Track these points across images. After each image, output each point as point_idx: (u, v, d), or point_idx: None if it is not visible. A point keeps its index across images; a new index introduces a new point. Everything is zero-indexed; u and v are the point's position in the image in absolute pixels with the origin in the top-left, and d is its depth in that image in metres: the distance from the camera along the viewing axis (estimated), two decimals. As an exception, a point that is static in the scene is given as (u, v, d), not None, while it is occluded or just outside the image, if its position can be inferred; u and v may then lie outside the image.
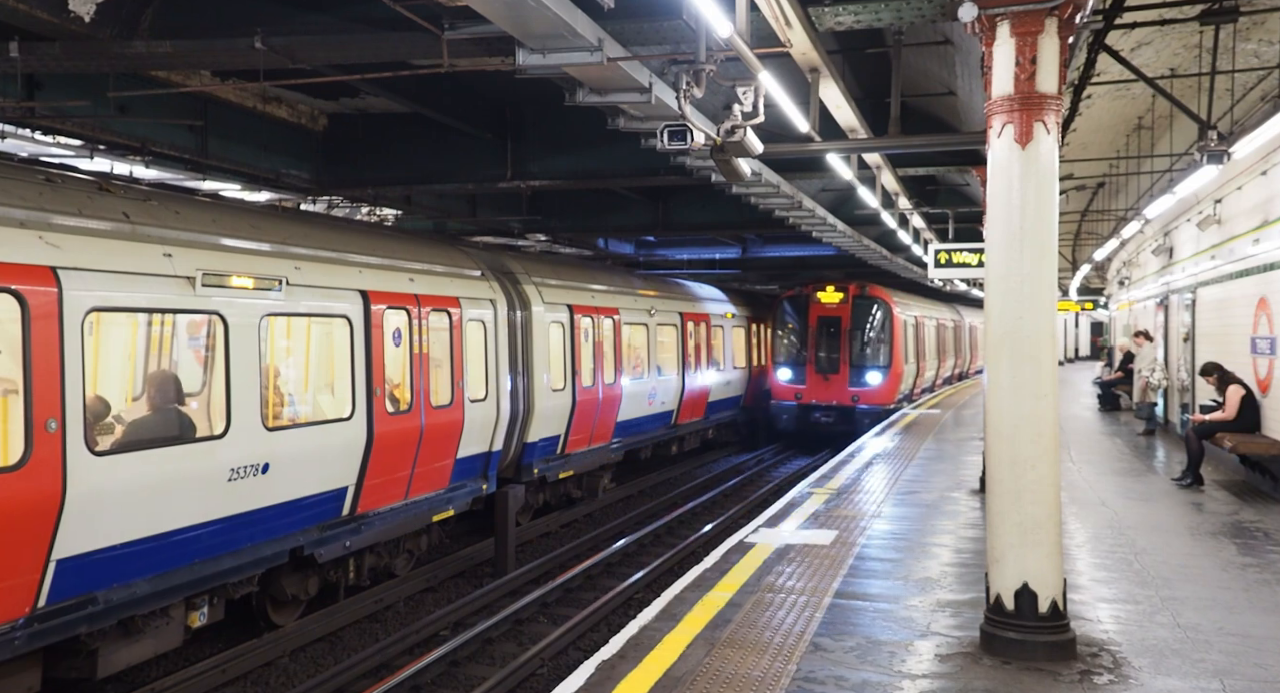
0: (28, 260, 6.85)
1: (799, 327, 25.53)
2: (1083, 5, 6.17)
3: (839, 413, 24.75)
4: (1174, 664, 6.10)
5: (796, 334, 25.61)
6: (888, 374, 24.82)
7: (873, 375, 24.76)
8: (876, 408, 24.31)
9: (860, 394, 24.69)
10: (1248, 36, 13.76)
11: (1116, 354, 26.42)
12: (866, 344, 25.09)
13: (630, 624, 6.80)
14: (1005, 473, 6.20)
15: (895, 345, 25.03)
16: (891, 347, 24.99)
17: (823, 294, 25.37)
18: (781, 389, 25.40)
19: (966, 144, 11.02)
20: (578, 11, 7.07)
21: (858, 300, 25.20)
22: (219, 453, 8.43)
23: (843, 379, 24.85)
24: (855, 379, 24.78)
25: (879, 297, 25.25)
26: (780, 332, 25.84)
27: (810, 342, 25.20)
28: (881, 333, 25.14)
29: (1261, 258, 12.48)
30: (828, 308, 25.29)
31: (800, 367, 25.26)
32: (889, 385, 24.90)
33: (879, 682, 5.78)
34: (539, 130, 14.58)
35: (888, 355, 25.00)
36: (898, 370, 25.08)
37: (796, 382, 25.16)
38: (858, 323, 25.11)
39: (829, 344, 25.22)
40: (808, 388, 25.03)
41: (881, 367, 24.88)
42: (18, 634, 6.80)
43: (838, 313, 25.21)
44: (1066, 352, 58.33)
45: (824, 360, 25.10)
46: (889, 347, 25.00)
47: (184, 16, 8.95)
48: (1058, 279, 6.74)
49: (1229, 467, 13.74)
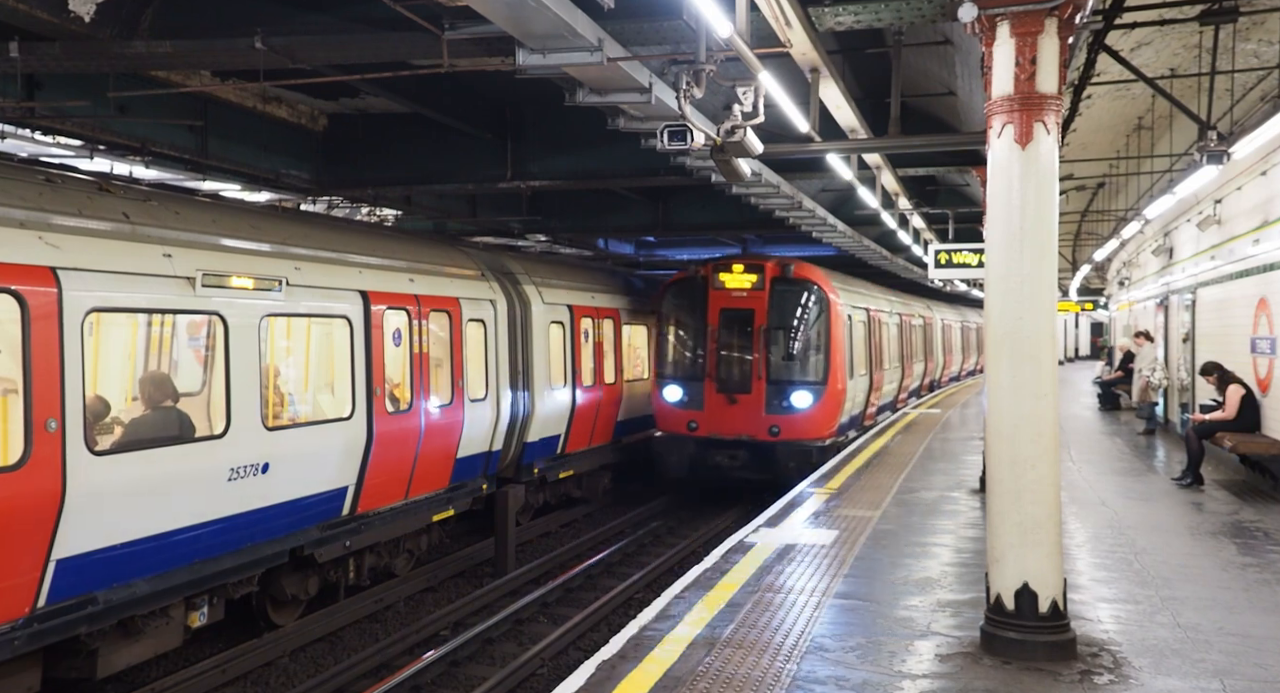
0: (27, 260, 6.85)
1: (694, 324, 17.23)
2: (1083, 5, 6.17)
3: (751, 452, 16.44)
4: (1174, 664, 6.09)
5: (689, 336, 17.34)
6: (822, 395, 16.45)
7: (800, 396, 16.35)
8: (806, 444, 16.14)
9: (782, 424, 16.28)
10: (1248, 36, 13.76)
11: (1117, 354, 26.40)
12: (792, 350, 16.76)
13: (630, 624, 6.80)
14: (1005, 473, 6.19)
15: (834, 351, 16.69)
16: (829, 353, 16.65)
17: (727, 276, 16.96)
18: (669, 416, 17.08)
19: (966, 144, 11.04)
20: (578, 11, 7.07)
21: (778, 285, 16.80)
22: (219, 453, 8.43)
23: (756, 402, 16.47)
24: (775, 402, 16.41)
25: (809, 279, 16.91)
26: (666, 332, 17.59)
27: (709, 347, 16.84)
28: (813, 333, 16.84)
29: (1261, 258, 12.48)
30: (734, 296, 16.89)
31: (695, 384, 16.87)
32: (824, 410, 16.54)
33: (879, 682, 5.78)
34: (539, 130, 14.58)
35: (822, 366, 16.64)
36: (837, 388, 16.74)
37: (690, 406, 16.80)
38: (778, 318, 16.79)
39: (736, 350, 16.91)
40: (706, 415, 16.69)
41: (813, 384, 16.49)
42: (17, 634, 6.80)
43: (749, 303, 16.78)
44: (1066, 352, 58.34)
45: (728, 375, 16.79)
46: (824, 353, 16.68)
47: (184, 16, 8.95)
48: (1058, 279, 6.74)
49: (1229, 467, 13.74)
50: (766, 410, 16.38)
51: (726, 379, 16.72)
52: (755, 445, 16.36)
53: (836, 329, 16.84)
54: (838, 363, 16.76)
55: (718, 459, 16.57)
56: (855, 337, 18.67)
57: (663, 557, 13.58)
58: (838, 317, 16.95)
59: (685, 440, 16.77)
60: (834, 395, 16.71)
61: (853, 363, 18.11)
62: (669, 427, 17.06)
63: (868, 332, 20.17)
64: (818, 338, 16.81)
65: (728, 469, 16.58)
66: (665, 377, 17.27)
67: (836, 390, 16.74)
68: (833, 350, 16.69)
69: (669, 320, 17.55)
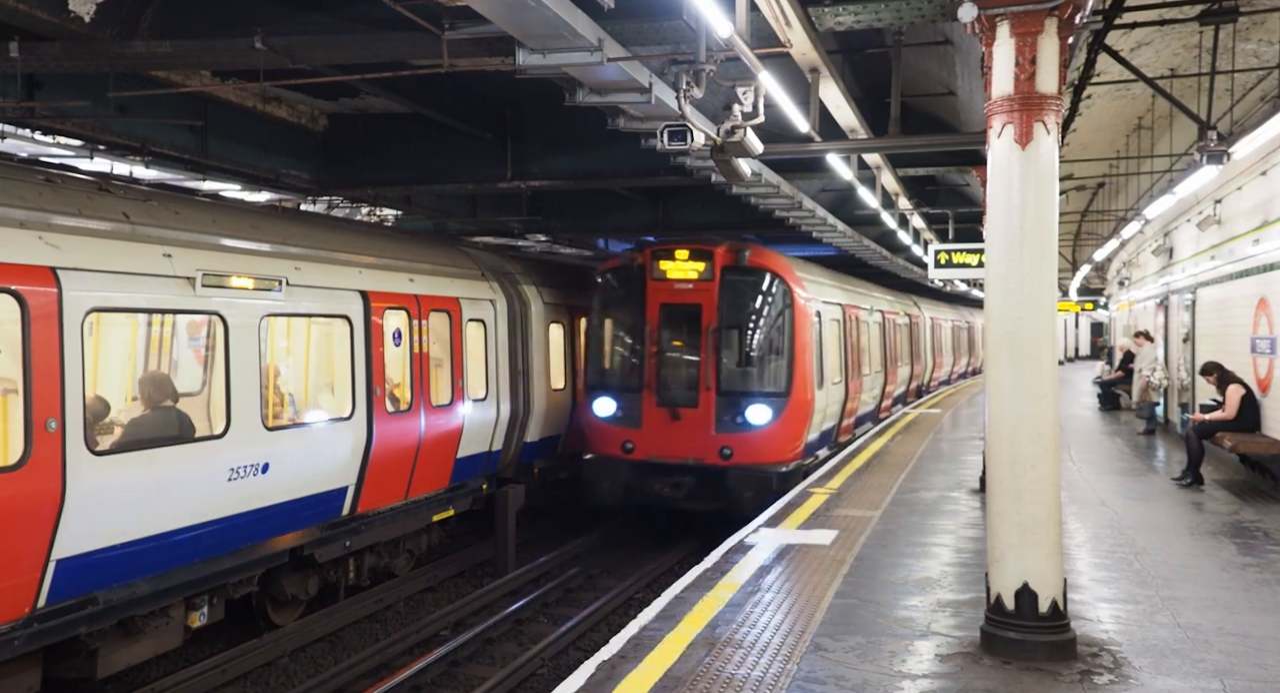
0: (27, 260, 6.85)
1: (629, 323, 14.50)
2: (1082, 5, 6.17)
3: (698, 479, 13.58)
4: (1174, 664, 6.09)
5: (624, 337, 14.61)
6: (784, 408, 13.72)
7: (757, 411, 13.65)
8: (764, 469, 13.34)
9: (735, 445, 13.49)
10: (1248, 36, 13.76)
11: (1117, 354, 26.40)
12: (747, 354, 14.12)
13: (630, 624, 6.80)
14: (1005, 473, 6.20)
15: (799, 355, 14.00)
16: (793, 357, 13.96)
17: (668, 264, 14.10)
18: (600, 435, 14.24)
19: (966, 144, 11.03)
20: (578, 11, 7.07)
21: (731, 275, 14.04)
22: (219, 453, 8.43)
23: (704, 418, 13.65)
24: (726, 418, 13.69)
25: (769, 268, 14.16)
26: (597, 332, 14.80)
27: (647, 351, 14.01)
28: (774, 333, 14.17)
29: (1261, 258, 12.48)
30: (677, 289, 14.10)
31: (630, 396, 14.07)
32: (787, 428, 13.76)
33: (879, 682, 5.78)
34: (539, 130, 14.58)
35: (785, 373, 13.93)
36: (803, 400, 14.00)
37: (624, 423, 14.04)
38: (731, 315, 14.04)
39: (680, 355, 14.17)
40: (643, 434, 13.86)
41: (773, 395, 13.81)
42: (17, 634, 6.80)
43: (695, 297, 13.99)
44: (1066, 352, 58.34)
45: (671, 385, 13.96)
46: (787, 358, 14.00)
47: (184, 16, 8.95)
48: (1058, 279, 6.74)
49: (1229, 467, 13.74)
50: (717, 428, 13.57)
51: (668, 390, 13.86)
52: (703, 471, 13.52)
53: (802, 328, 14.07)
54: (804, 369, 13.94)
55: (658, 488, 13.56)
56: (827, 337, 15.76)
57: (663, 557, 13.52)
58: (804, 313, 14.20)
59: (619, 465, 13.82)
60: (799, 409, 13.83)
61: (823, 369, 15.24)
62: (600, 448, 14.12)
63: (842, 331, 17.22)
64: (779, 339, 14.03)
65: (670, 500, 13.61)
66: (596, 387, 14.41)
67: (802, 403, 13.90)
68: (797, 354, 13.90)
69: (600, 318, 14.70)
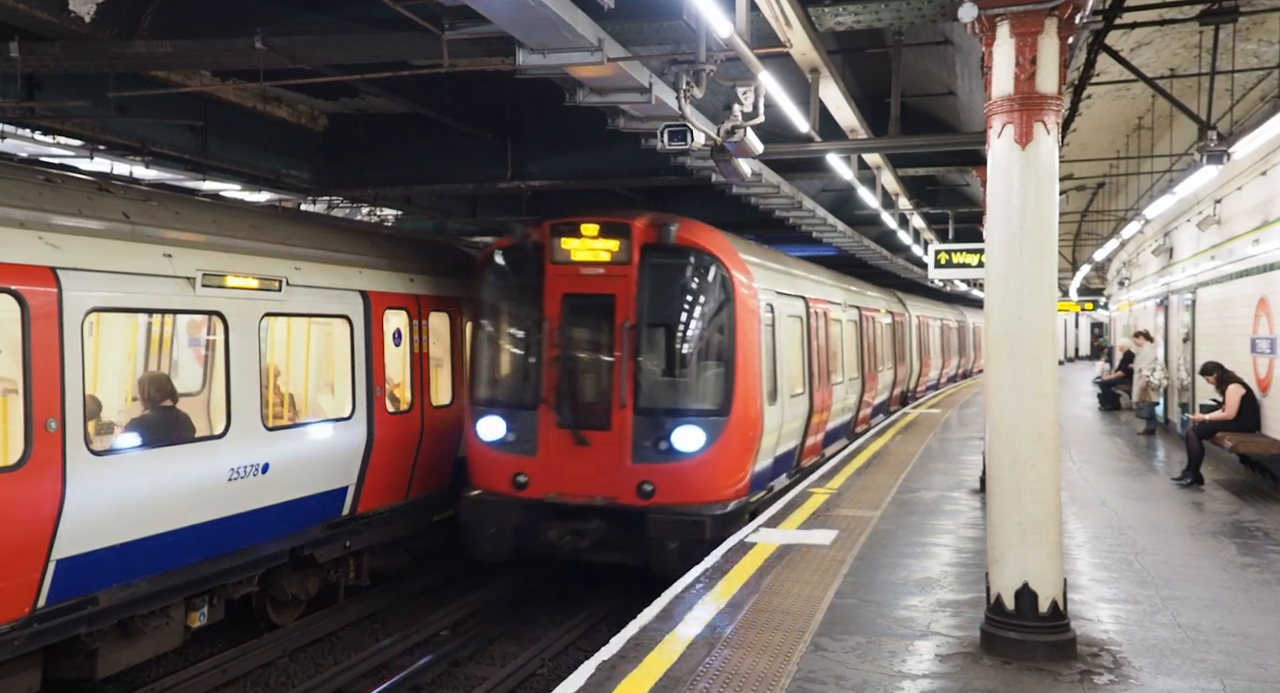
0: (27, 260, 6.85)
1: (522, 320, 11.24)
2: (1083, 5, 6.17)
3: (610, 524, 10.40)
4: (1174, 664, 6.09)
5: (516, 338, 11.40)
6: (722, 430, 10.50)
7: (687, 434, 10.41)
8: (695, 511, 10.18)
9: (658, 479, 10.34)
10: (1248, 36, 13.77)
11: (1117, 354, 26.41)
12: (675, 360, 10.84)
13: (630, 624, 6.80)
14: (1005, 473, 6.19)
15: (742, 361, 10.74)
16: (733, 364, 10.70)
17: (572, 242, 10.82)
18: (485, 465, 10.99)
19: (966, 144, 11.04)
20: (578, 11, 7.07)
21: (655, 257, 10.74)
22: (219, 453, 8.43)
23: (618, 444, 10.47)
24: (647, 443, 10.45)
25: (703, 248, 10.86)
26: (482, 331, 11.49)
27: (546, 357, 10.74)
28: (710, 332, 10.86)
29: (1261, 258, 12.48)
30: (584, 275, 10.83)
31: (524, 416, 10.79)
32: (726, 455, 10.59)
33: (879, 682, 5.78)
34: (539, 130, 14.58)
35: (723, 385, 10.69)
36: (748, 418, 10.82)
37: (516, 449, 10.77)
38: (654, 310, 10.74)
39: (588, 362, 10.93)
40: (540, 465, 10.66)
41: (707, 413, 10.53)
42: (17, 635, 6.80)
43: (607, 286, 10.76)
44: (1066, 352, 58.35)
45: (576, 401, 10.71)
46: (727, 364, 10.74)
47: (184, 16, 8.95)
48: (1058, 279, 6.74)
49: (1229, 467, 13.74)
50: (635, 457, 10.25)
51: (572, 408, 10.46)
52: (616, 513, 10.20)
53: (747, 326, 10.76)
54: (748, 379, 10.67)
55: (557, 535, 10.19)
56: (783, 338, 12.42)
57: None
58: (749, 307, 10.85)
59: (508, 505, 10.50)
60: (742, 430, 10.59)
61: (777, 378, 11.91)
62: (485, 481, 10.77)
63: (806, 330, 14.01)
64: (717, 340, 10.67)
65: (571, 551, 10.26)
66: (480, 403, 10.94)
67: (746, 422, 10.65)
68: (740, 359, 10.55)
69: (486, 313, 11.28)
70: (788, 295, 13.15)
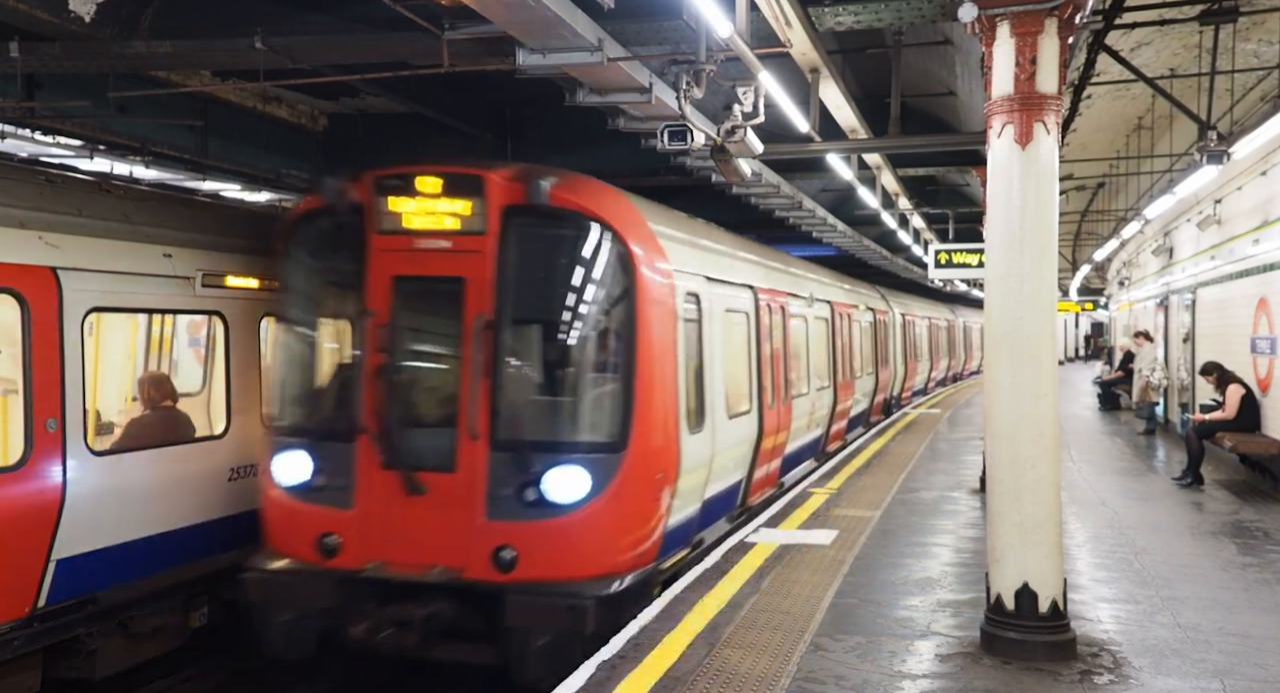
0: (27, 260, 6.85)
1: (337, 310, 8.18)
2: (1083, 5, 6.17)
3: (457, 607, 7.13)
4: (1174, 664, 6.09)
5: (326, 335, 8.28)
6: (616, 471, 7.25)
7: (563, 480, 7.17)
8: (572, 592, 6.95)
9: (522, 545, 7.10)
10: (1248, 36, 13.77)
11: (1117, 354, 26.41)
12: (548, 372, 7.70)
13: (630, 624, 6.79)
14: (1005, 473, 6.19)
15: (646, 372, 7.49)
16: (632, 376, 7.42)
17: (404, 203, 7.57)
18: (283, 519, 7.68)
19: (966, 144, 11.05)
20: (578, 11, 7.07)
21: (520, 224, 7.46)
22: (219, 453, 8.43)
23: (465, 492, 7.22)
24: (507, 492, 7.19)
25: (587, 211, 7.52)
26: (282, 327, 8.24)
27: (367, 364, 7.44)
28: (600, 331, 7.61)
29: (1261, 258, 12.49)
30: (423, 248, 7.57)
31: (335, 449, 7.49)
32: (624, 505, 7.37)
33: (879, 682, 5.78)
34: (539, 130, 14.59)
35: (618, 407, 7.40)
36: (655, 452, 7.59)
37: (324, 499, 7.45)
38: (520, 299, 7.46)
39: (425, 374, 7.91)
40: (357, 519, 7.34)
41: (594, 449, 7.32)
42: (17, 635, 6.80)
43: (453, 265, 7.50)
44: (1066, 352, 58.35)
45: (408, 429, 7.37)
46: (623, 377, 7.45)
47: (184, 16, 8.95)
48: (1058, 279, 6.74)
49: (1229, 467, 13.74)
50: (490, 512, 7.21)
51: (403, 440, 7.36)
52: (463, 592, 7.18)
53: (656, 323, 7.66)
54: (656, 396, 7.60)
55: (377, 626, 7.12)
56: (716, 340, 9.23)
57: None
58: (657, 297, 7.73)
59: (309, 581, 7.40)
60: (646, 469, 7.51)
61: (704, 393, 8.75)
62: (284, 544, 7.66)
63: (755, 330, 10.91)
64: (611, 344, 7.58)
65: (398, 647, 7.12)
66: (279, 432, 7.84)
67: (653, 457, 7.57)
68: (644, 370, 7.46)
69: (289, 304, 8.17)
70: (727, 284, 9.91)
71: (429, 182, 7.53)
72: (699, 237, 9.98)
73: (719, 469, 9.30)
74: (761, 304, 11.28)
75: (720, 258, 10.26)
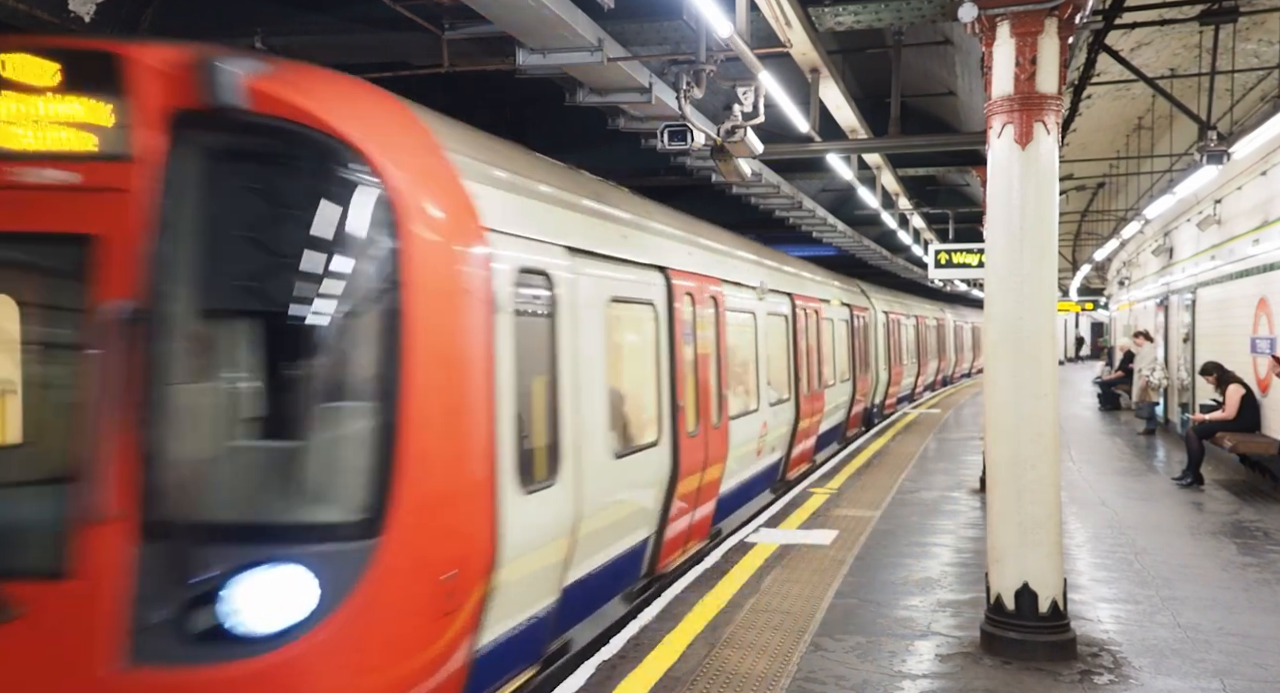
0: None
1: None
2: (1083, 5, 6.17)
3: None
4: (1174, 664, 6.09)
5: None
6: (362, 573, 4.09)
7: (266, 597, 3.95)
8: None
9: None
10: (1248, 36, 13.78)
11: (1117, 354, 26.42)
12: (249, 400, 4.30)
13: (630, 624, 6.79)
14: (1005, 473, 6.20)
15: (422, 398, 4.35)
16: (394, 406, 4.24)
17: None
18: None
19: (966, 144, 11.05)
20: (578, 11, 7.08)
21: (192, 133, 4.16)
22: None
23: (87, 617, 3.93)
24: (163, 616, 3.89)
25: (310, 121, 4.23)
26: None
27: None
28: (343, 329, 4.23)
29: (1261, 258, 12.49)
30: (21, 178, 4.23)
31: None
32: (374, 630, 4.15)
33: (879, 682, 5.78)
34: (539, 130, 14.57)
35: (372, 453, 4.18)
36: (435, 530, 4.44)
37: None
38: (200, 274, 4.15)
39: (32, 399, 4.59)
40: None
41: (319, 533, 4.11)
42: None
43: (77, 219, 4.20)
44: (1065, 352, 58.35)
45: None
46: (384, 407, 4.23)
47: (184, 16, 8.94)
48: (1058, 279, 6.75)
49: (1229, 467, 13.74)
50: (136, 653, 3.93)
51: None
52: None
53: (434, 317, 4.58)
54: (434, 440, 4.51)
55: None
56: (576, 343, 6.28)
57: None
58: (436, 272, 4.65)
59: None
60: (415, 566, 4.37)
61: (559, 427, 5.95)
62: None
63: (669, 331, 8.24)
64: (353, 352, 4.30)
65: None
66: None
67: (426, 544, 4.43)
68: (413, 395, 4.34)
69: None
70: (613, 261, 7.16)
71: (37, 65, 4.32)
72: (564, 188, 6.78)
73: (596, 536, 6.54)
74: (679, 293, 8.42)
75: (602, 223, 7.18)
